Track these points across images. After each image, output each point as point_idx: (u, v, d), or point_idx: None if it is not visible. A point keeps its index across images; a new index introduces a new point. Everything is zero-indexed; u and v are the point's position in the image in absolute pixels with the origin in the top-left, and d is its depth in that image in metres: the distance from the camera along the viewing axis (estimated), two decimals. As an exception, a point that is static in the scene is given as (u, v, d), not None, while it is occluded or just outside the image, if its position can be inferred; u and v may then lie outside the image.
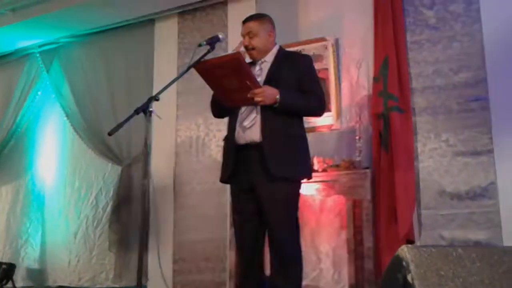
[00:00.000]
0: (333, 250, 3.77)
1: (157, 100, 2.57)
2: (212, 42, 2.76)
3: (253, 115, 2.74)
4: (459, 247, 1.71)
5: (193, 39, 4.75)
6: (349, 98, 3.91)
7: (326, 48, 4.04)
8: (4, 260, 5.37)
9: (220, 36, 2.78)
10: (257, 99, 2.59)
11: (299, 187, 2.79)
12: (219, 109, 2.91)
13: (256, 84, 2.61)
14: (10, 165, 5.82)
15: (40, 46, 5.71)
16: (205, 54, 2.70)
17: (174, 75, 4.55)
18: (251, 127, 2.73)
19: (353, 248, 3.59)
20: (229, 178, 2.83)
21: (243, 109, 2.77)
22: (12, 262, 5.30)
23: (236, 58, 2.55)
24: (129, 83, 5.16)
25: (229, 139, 2.83)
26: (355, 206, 3.65)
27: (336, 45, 4.04)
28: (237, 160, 2.77)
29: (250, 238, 2.80)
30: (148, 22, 5.11)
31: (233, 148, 2.78)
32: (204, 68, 2.64)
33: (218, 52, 4.34)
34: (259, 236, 2.80)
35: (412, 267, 1.56)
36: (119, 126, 2.50)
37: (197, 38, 4.68)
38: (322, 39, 4.07)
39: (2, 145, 5.83)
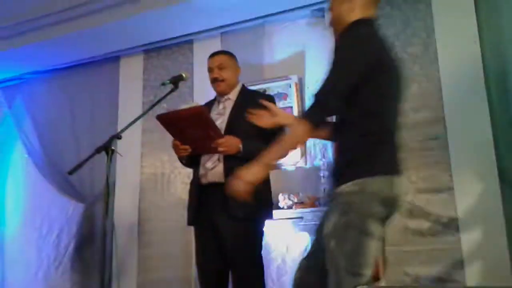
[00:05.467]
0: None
1: (120, 138, 2.56)
2: (176, 81, 2.79)
3: (216, 156, 2.78)
4: (419, 286, 1.71)
5: (158, 76, 4.77)
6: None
7: (290, 86, 4.11)
8: (-41, 304, 5.16)
9: (184, 75, 2.82)
10: (221, 149, 2.64)
11: (262, 226, 2.80)
12: (184, 159, 2.93)
13: (219, 134, 2.66)
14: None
15: (2, 82, 5.63)
16: (169, 93, 2.74)
17: (139, 112, 4.52)
18: (213, 168, 2.77)
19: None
20: (194, 220, 2.85)
21: None
22: (-32, 305, 5.11)
23: (199, 111, 2.64)
24: (93, 120, 5.11)
25: (194, 180, 2.88)
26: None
27: (300, 83, 4.11)
28: (200, 201, 2.80)
29: (215, 278, 2.80)
30: (113, 59, 5.09)
31: (196, 189, 2.82)
32: (167, 119, 2.69)
33: (183, 90, 4.40)
34: (223, 276, 2.80)
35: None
36: (80, 165, 2.49)
37: (162, 75, 4.70)
38: (286, 78, 4.14)
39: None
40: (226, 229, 2.71)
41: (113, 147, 2.53)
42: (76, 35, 4.62)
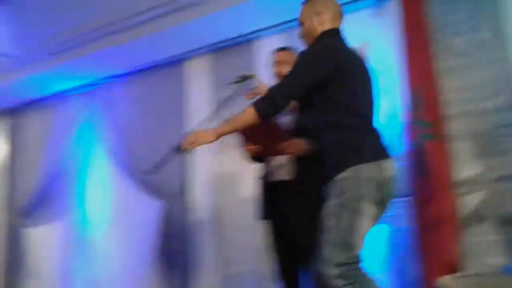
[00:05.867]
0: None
1: None
2: (244, 80, 2.86)
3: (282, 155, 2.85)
4: (500, 274, 1.70)
5: (224, 76, 4.86)
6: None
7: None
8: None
9: (252, 74, 2.89)
10: (288, 151, 2.70)
11: None
12: (251, 158, 3.02)
13: (287, 137, 2.72)
14: (58, 204, 6.03)
15: (82, 87, 5.96)
16: (237, 93, 2.83)
17: (206, 112, 4.69)
18: (280, 167, 2.84)
19: (400, 278, 3.58)
20: (263, 216, 2.94)
21: None
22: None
23: None
24: (165, 121, 5.30)
25: (263, 177, 2.97)
26: (397, 235, 3.64)
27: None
28: (268, 197, 2.89)
29: (289, 272, 2.89)
30: (180, 61, 5.24)
31: (264, 186, 2.91)
32: None
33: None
34: (297, 270, 2.87)
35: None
36: (158, 165, 2.61)
37: (227, 75, 4.78)
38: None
39: (49, 185, 6.05)
40: (295, 224, 2.77)
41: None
42: (147, 39, 4.83)
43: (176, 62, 5.25)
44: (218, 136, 2.39)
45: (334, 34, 2.47)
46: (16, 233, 6.24)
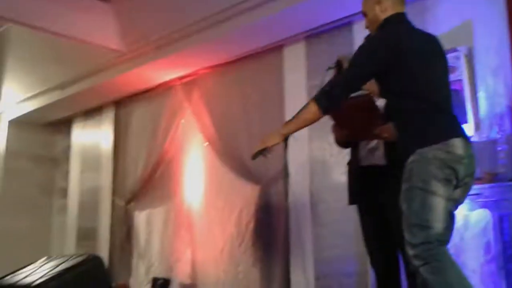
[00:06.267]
0: (481, 267, 3.64)
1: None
2: (340, 65, 2.88)
3: (376, 140, 2.83)
4: None
5: (321, 61, 4.89)
6: (487, 109, 3.78)
7: (458, 58, 3.94)
8: (160, 276, 5.90)
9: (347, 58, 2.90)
10: (384, 135, 2.68)
11: None
12: (343, 142, 3.03)
13: (383, 121, 2.70)
14: (161, 189, 6.40)
15: (181, 79, 6.26)
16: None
17: (304, 98, 4.73)
18: (374, 151, 2.82)
19: (503, 265, 3.45)
20: (354, 201, 2.94)
21: None
22: (167, 277, 5.82)
23: (368, 100, 2.71)
24: (262, 107, 5.45)
25: (353, 162, 2.95)
26: (502, 220, 3.50)
27: (470, 54, 3.93)
28: (361, 183, 2.87)
29: (384, 256, 2.87)
30: (277, 48, 5.35)
31: (356, 171, 2.89)
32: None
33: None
34: (391, 253, 2.85)
35: None
36: (260, 152, 2.68)
37: (324, 60, 4.81)
38: (454, 50, 3.98)
39: (152, 171, 6.44)
40: (390, 210, 2.74)
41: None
42: (243, 29, 4.99)
43: (274, 50, 5.36)
44: (283, 137, 2.53)
45: (396, 20, 2.48)
46: (124, 216, 6.69)
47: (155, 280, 5.82)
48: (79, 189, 7.55)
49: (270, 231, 5.16)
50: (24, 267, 2.57)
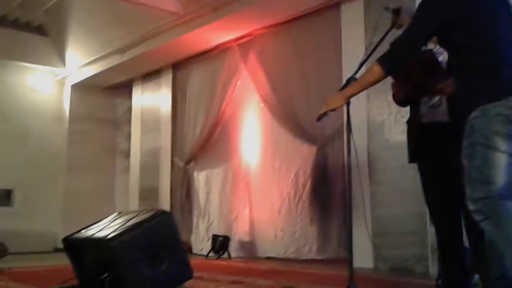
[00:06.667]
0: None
1: (355, 79, 2.73)
2: (398, 13, 2.81)
3: (438, 96, 2.77)
4: None
5: (380, 18, 4.77)
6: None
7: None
8: (219, 233, 6.10)
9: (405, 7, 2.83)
10: (447, 90, 2.62)
11: None
12: (403, 100, 2.98)
13: (445, 77, 2.64)
14: (219, 149, 6.54)
15: (237, 40, 6.28)
16: (389, 31, 2.79)
17: (362, 55, 4.65)
18: (437, 107, 2.76)
19: None
20: (415, 159, 2.90)
21: None
22: (226, 235, 6.01)
23: (429, 56, 2.65)
24: (319, 66, 5.42)
25: (413, 119, 2.90)
26: None
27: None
28: (422, 140, 2.83)
29: (446, 213, 2.84)
30: (334, 5, 5.25)
31: (417, 128, 2.85)
32: None
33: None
34: (454, 210, 2.82)
35: None
36: (324, 114, 2.68)
37: (383, 17, 4.69)
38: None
39: (210, 132, 6.57)
40: (453, 167, 2.70)
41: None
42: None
43: (331, 7, 5.28)
44: (347, 99, 2.57)
45: None
46: (184, 176, 6.90)
47: (215, 237, 6.01)
48: (140, 150, 7.82)
49: (327, 191, 5.20)
50: (97, 222, 2.73)
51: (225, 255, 5.86)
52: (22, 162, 7.57)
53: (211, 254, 5.95)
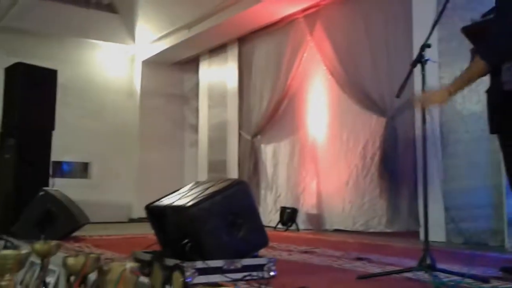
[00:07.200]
0: None
1: (429, 46, 2.66)
2: None
3: None
4: None
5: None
6: None
7: None
8: (287, 205, 6.17)
9: None
10: None
11: None
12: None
13: None
14: (285, 122, 6.57)
15: (303, 11, 6.22)
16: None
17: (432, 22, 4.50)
18: None
19: None
20: (497, 129, 2.80)
21: None
22: (294, 207, 6.07)
23: None
24: (388, 36, 5.29)
25: (494, 88, 2.78)
26: None
27: None
28: (505, 109, 2.71)
29: None
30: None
31: (499, 97, 2.73)
32: (472, 30, 2.66)
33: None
34: None
35: None
36: (403, 86, 2.64)
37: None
38: None
39: (277, 105, 6.60)
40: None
41: (426, 58, 2.63)
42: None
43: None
44: (451, 94, 2.50)
45: None
46: (251, 150, 7.00)
47: (283, 209, 6.09)
48: (207, 124, 7.99)
49: (397, 163, 5.13)
50: (174, 191, 2.84)
51: (293, 227, 5.93)
52: (98, 137, 7.93)
53: (279, 226, 6.04)
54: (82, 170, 8.14)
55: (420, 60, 2.62)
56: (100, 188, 7.80)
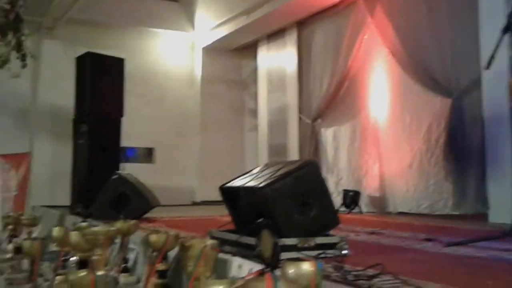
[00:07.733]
0: None
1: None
2: None
3: None
4: None
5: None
6: None
7: None
8: (349, 188, 6.17)
9: None
10: None
11: None
12: None
13: None
14: (346, 105, 6.55)
15: (364, -7, 6.16)
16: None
17: (500, 4, 4.36)
18: None
19: None
20: None
21: None
22: (356, 190, 6.07)
23: None
24: (452, 16, 5.16)
25: None
26: None
27: None
28: None
29: None
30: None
31: None
32: None
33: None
34: None
35: None
36: (493, 56, 2.59)
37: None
38: None
39: (337, 88, 6.58)
40: None
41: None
42: None
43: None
44: None
45: None
46: (311, 133, 7.02)
47: (346, 192, 6.10)
48: (267, 108, 8.06)
49: (463, 145, 5.02)
50: (244, 173, 2.92)
51: (356, 209, 5.93)
52: (161, 123, 8.17)
53: (342, 208, 6.05)
54: (146, 155, 8.43)
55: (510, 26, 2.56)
56: (164, 172, 8.04)
